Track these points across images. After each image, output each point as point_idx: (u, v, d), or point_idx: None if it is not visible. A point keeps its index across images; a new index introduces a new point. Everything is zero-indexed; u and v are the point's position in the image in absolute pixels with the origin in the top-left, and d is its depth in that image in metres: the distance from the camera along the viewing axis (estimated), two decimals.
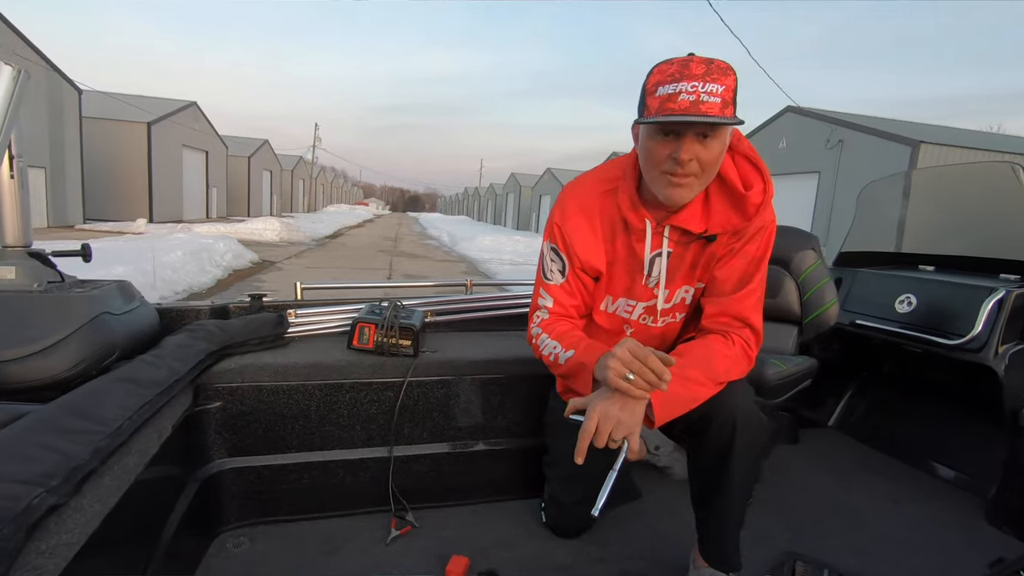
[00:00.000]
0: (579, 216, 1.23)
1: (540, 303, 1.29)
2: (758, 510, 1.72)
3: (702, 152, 1.03)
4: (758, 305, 1.22)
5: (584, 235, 1.23)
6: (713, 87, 0.97)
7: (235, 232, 16.66)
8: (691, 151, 1.02)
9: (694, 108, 0.96)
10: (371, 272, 11.98)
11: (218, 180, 29.55)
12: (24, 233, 1.25)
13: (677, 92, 0.98)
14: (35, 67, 15.45)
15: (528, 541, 1.51)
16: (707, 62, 0.99)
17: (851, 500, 1.84)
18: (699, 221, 1.17)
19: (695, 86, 0.97)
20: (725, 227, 1.16)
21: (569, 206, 1.25)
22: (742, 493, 1.21)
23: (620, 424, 1.00)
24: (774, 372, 1.68)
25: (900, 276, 2.16)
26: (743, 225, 1.16)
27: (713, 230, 1.17)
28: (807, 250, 2.00)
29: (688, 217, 1.16)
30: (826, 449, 2.25)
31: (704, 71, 0.98)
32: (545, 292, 1.28)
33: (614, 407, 1.01)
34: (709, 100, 0.96)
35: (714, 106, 0.97)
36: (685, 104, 0.97)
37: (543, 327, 1.26)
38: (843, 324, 2.20)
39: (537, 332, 1.27)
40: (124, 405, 1.04)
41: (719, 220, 1.16)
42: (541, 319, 1.28)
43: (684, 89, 0.97)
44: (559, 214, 1.25)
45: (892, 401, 2.39)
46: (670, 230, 1.19)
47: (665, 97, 0.99)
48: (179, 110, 24.13)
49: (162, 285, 8.11)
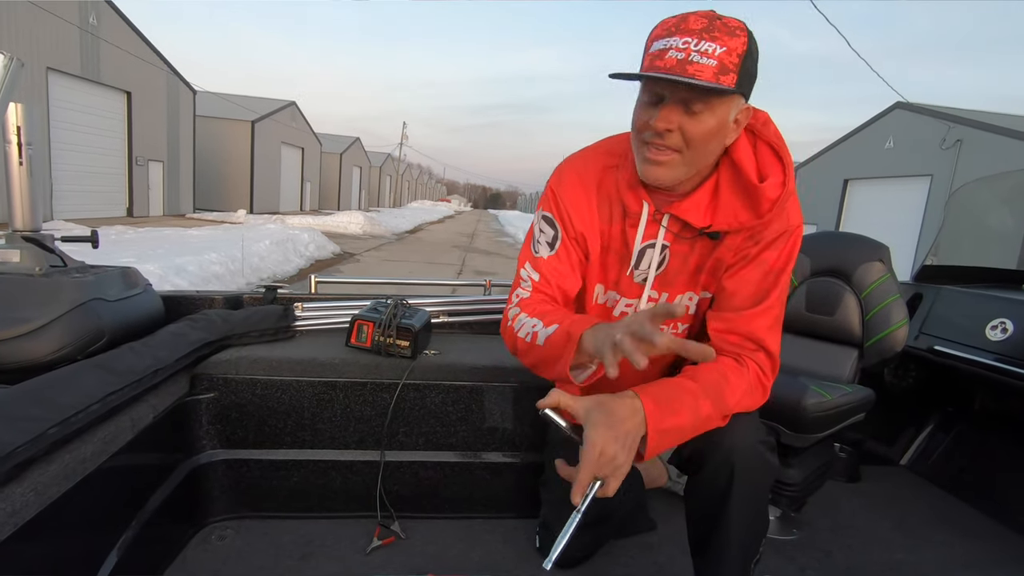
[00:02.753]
0: (577, 186, 1.07)
1: (523, 277, 1.09)
2: (793, 558, 1.49)
3: (688, 124, 0.86)
4: (775, 326, 1.01)
5: (580, 205, 1.06)
6: (709, 46, 0.81)
7: (322, 224, 17.62)
8: (670, 119, 0.86)
9: (679, 67, 0.81)
10: (442, 267, 12.20)
11: (312, 175, 31.47)
12: (33, 218, 1.30)
13: (667, 48, 0.83)
14: (158, 71, 17.13)
15: (517, 566, 1.39)
16: (711, 17, 0.83)
17: (916, 559, 1.55)
18: (703, 214, 0.98)
19: (687, 43, 0.81)
20: (732, 224, 0.97)
21: (567, 174, 1.09)
22: (741, 547, 1.01)
23: (613, 462, 0.81)
24: (815, 402, 1.44)
25: (995, 296, 1.82)
26: (754, 223, 0.96)
27: (718, 226, 0.98)
28: (873, 261, 1.72)
29: (691, 207, 0.98)
30: (894, 492, 1.94)
31: (703, 27, 0.82)
32: (530, 266, 1.08)
33: (615, 443, 0.81)
34: (700, 61, 0.80)
35: (705, 68, 0.80)
36: (672, 63, 0.81)
37: (522, 306, 1.05)
38: (919, 349, 1.89)
39: (515, 313, 1.05)
40: (89, 393, 1.04)
41: (726, 216, 0.97)
42: (521, 298, 1.07)
43: (674, 45, 0.82)
44: (555, 180, 1.10)
45: (982, 443, 2.02)
46: (669, 220, 1.01)
47: (655, 53, 0.84)
48: (279, 109, 25.90)
49: (249, 272, 8.71)
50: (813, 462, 1.63)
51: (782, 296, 1.01)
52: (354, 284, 1.96)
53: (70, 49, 13.21)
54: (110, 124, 15.42)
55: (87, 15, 13.66)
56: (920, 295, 2.05)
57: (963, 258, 2.13)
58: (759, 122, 0.98)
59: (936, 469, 2.06)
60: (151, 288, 1.50)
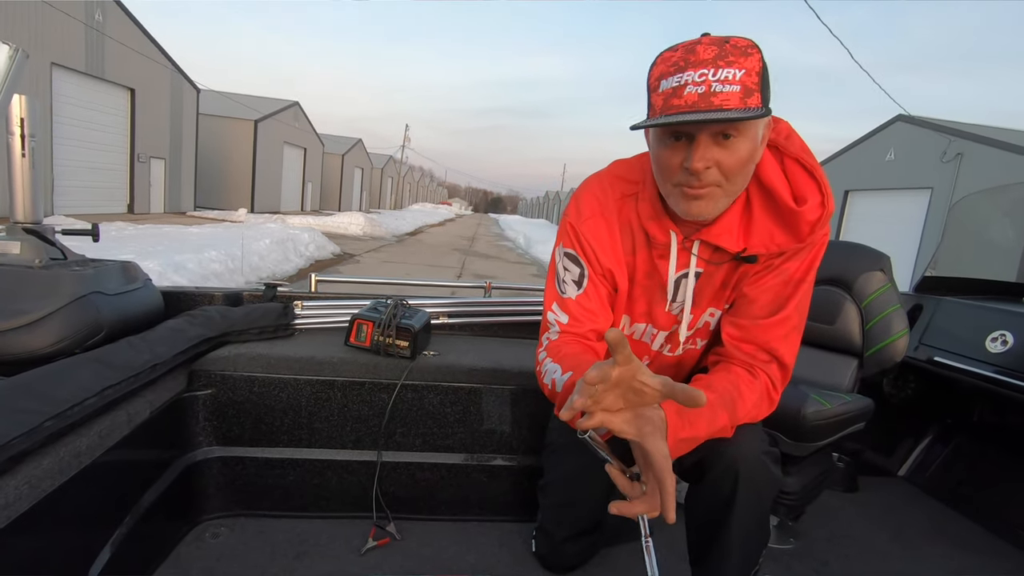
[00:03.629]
0: (598, 219, 1.02)
1: (551, 320, 1.06)
2: (790, 567, 1.49)
3: (723, 156, 0.82)
4: (791, 336, 0.99)
5: (603, 239, 1.02)
6: (728, 72, 0.77)
7: (323, 225, 17.62)
8: (707, 157, 0.82)
9: (704, 102, 0.77)
10: (442, 270, 12.20)
11: (314, 175, 31.49)
12: (34, 210, 1.30)
13: (682, 84, 0.78)
14: (162, 68, 17.16)
15: (512, 570, 1.38)
16: (720, 42, 0.79)
17: (912, 569, 1.55)
18: (736, 238, 0.95)
19: (704, 74, 0.77)
20: (770, 247, 0.94)
21: (586, 206, 1.04)
22: (742, 557, 1.01)
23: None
24: (814, 411, 1.44)
25: (995, 309, 1.82)
26: (793, 245, 0.94)
27: (754, 249, 0.95)
28: (875, 271, 1.72)
29: (722, 231, 0.94)
30: (891, 503, 1.93)
31: (716, 54, 0.78)
32: (558, 308, 1.04)
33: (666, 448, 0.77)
34: (725, 90, 0.77)
35: (732, 96, 0.77)
36: (693, 98, 0.78)
37: (549, 350, 1.02)
38: (918, 360, 1.89)
39: (543, 357, 1.02)
40: (86, 387, 1.03)
41: (762, 239, 0.94)
42: (550, 341, 1.05)
43: (690, 80, 0.78)
44: (575, 214, 1.04)
45: (980, 455, 2.01)
46: (699, 246, 0.98)
47: (669, 92, 0.80)
48: (282, 109, 25.93)
49: (248, 270, 8.70)
50: (812, 471, 1.62)
51: (801, 305, 0.99)
52: (354, 284, 1.96)
53: (75, 45, 13.23)
54: (113, 120, 15.43)
55: (93, 12, 13.68)
56: (920, 306, 2.05)
57: (963, 270, 2.13)
58: (781, 136, 0.95)
59: (934, 481, 2.06)
60: (151, 283, 1.49)
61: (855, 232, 16.28)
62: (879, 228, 15.14)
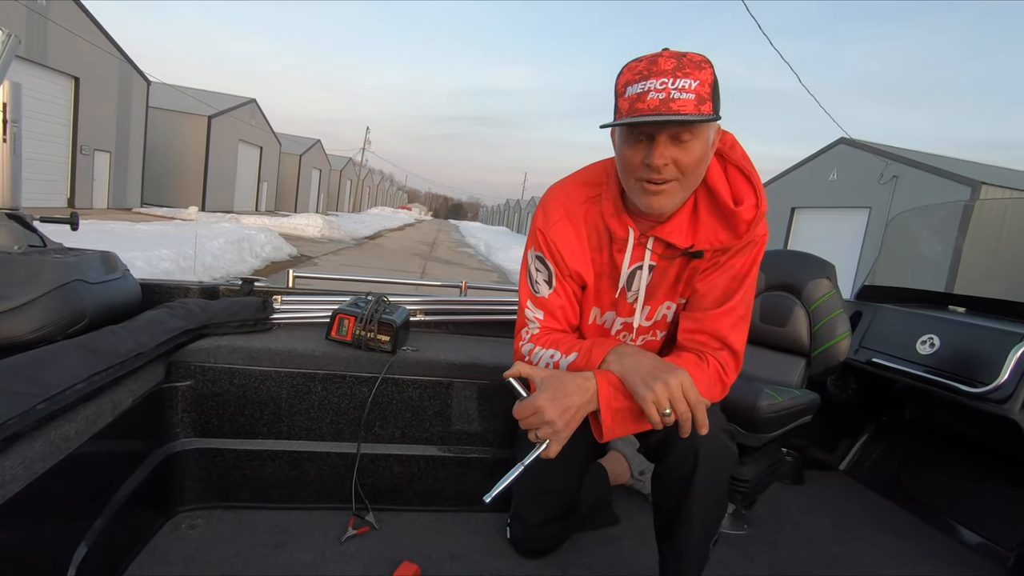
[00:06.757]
0: (565, 224, 1.13)
1: (529, 317, 1.18)
2: (744, 551, 1.60)
3: (680, 155, 0.94)
4: (739, 325, 1.11)
5: (570, 243, 1.13)
6: (685, 83, 0.89)
7: (279, 226, 17.19)
8: (665, 155, 0.94)
9: (664, 107, 0.89)
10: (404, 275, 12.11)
11: (269, 175, 30.66)
12: (13, 196, 1.28)
13: (646, 91, 0.90)
14: (110, 57, 16.43)
15: (487, 556, 1.44)
16: (678, 56, 0.92)
17: (851, 552, 1.70)
18: (685, 235, 1.07)
19: (664, 83, 0.89)
20: (713, 243, 1.07)
21: (553, 211, 1.14)
22: (703, 529, 1.11)
23: (550, 426, 0.93)
24: (768, 404, 1.57)
25: (924, 315, 2.01)
26: (733, 242, 1.06)
27: (700, 246, 1.07)
28: (821, 279, 1.88)
29: (673, 230, 1.07)
30: (833, 495, 2.09)
31: (674, 66, 0.90)
32: (533, 305, 1.17)
33: (554, 410, 0.93)
34: (681, 97, 0.88)
35: (687, 103, 0.88)
36: (655, 103, 0.89)
37: (534, 341, 1.15)
38: (858, 361, 2.06)
39: (529, 348, 1.15)
40: (73, 373, 1.04)
41: (707, 236, 1.07)
42: (531, 334, 1.17)
43: (653, 87, 0.90)
44: (542, 220, 1.15)
45: (912, 450, 2.21)
46: (654, 242, 1.10)
47: (634, 97, 0.91)
48: (238, 106, 25.21)
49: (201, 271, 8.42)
50: (764, 462, 1.75)
51: (746, 297, 1.11)
52: (332, 281, 1.98)
53: (14, 28, 12.50)
54: (54, 109, 14.65)
55: None
56: (860, 312, 2.23)
57: (898, 280, 2.34)
58: (726, 145, 1.08)
59: (871, 474, 2.24)
60: (129, 274, 1.48)
61: (800, 247, 17.03)
62: (823, 243, 15.96)
